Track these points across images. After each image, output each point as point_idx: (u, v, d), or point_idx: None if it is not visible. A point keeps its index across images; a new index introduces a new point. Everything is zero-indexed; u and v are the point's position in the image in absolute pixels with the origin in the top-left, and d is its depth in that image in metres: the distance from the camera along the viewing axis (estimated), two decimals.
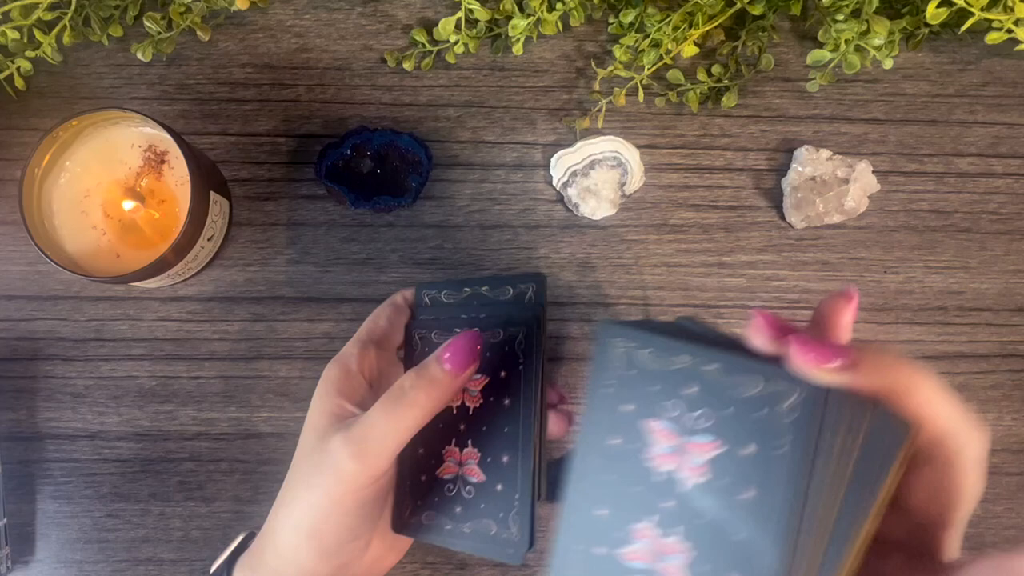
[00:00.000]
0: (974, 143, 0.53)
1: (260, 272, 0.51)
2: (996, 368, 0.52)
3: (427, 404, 0.32)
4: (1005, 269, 0.52)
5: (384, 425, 0.32)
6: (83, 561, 0.50)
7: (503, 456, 0.33)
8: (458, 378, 0.32)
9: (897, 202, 0.52)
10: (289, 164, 0.52)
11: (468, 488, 0.34)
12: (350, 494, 0.33)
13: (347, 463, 0.32)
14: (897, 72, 0.53)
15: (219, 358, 0.51)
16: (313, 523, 0.33)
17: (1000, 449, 0.52)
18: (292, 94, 0.52)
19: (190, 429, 0.50)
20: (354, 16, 0.53)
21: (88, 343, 0.50)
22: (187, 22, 0.50)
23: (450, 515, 0.35)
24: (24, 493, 0.49)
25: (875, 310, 0.52)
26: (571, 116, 0.52)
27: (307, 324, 0.51)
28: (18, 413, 0.50)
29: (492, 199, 0.52)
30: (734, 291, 0.52)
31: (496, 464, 0.33)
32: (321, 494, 0.33)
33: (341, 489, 0.33)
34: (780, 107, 0.53)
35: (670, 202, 0.52)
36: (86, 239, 0.45)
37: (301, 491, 0.34)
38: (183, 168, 0.43)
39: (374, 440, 0.32)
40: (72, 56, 0.51)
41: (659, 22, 0.49)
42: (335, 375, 0.36)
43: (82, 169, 0.45)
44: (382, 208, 0.50)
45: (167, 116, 0.51)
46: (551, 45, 0.53)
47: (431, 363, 0.33)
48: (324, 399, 0.36)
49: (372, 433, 0.32)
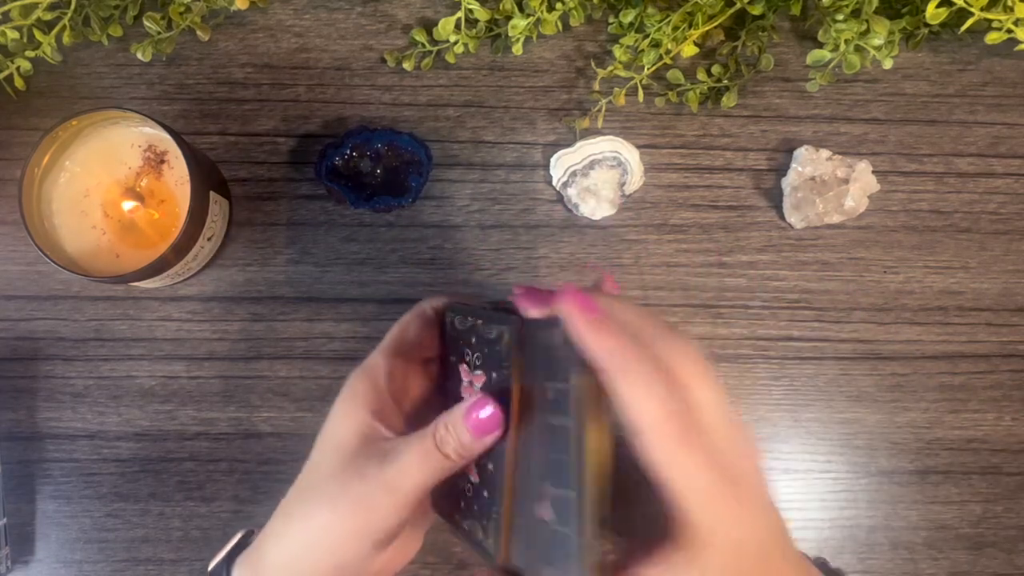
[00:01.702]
0: (974, 143, 0.53)
1: (260, 272, 0.51)
2: (996, 368, 0.52)
3: (456, 459, 0.33)
4: (1005, 269, 0.52)
5: (419, 470, 0.32)
6: (83, 561, 0.50)
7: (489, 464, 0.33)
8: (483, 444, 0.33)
9: (897, 202, 0.52)
10: (289, 164, 0.52)
11: (468, 486, 0.34)
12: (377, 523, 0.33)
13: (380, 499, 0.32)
14: (897, 72, 0.53)
15: (219, 358, 0.51)
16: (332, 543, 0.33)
17: (1000, 449, 0.52)
18: (292, 94, 0.52)
19: (190, 429, 0.50)
20: (354, 16, 0.53)
21: (88, 343, 0.50)
22: (187, 22, 0.50)
23: (456, 507, 0.35)
24: (24, 493, 0.49)
25: (875, 310, 0.52)
26: (571, 116, 0.52)
27: (307, 324, 0.51)
28: (18, 413, 0.50)
29: (492, 199, 0.52)
30: (734, 291, 0.52)
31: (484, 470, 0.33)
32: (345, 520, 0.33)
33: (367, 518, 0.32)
34: (780, 107, 0.53)
35: (670, 202, 0.52)
36: (86, 239, 0.45)
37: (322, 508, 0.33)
38: (183, 168, 0.43)
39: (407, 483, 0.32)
40: (72, 56, 0.51)
41: (659, 22, 0.49)
42: (364, 390, 0.36)
43: (82, 169, 0.45)
44: (382, 208, 0.50)
45: (167, 116, 0.51)
46: (551, 45, 0.53)
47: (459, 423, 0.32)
48: (353, 417, 0.35)
49: (406, 477, 0.32)
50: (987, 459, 0.52)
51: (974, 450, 0.52)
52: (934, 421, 0.52)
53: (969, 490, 0.52)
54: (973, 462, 0.52)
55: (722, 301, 0.52)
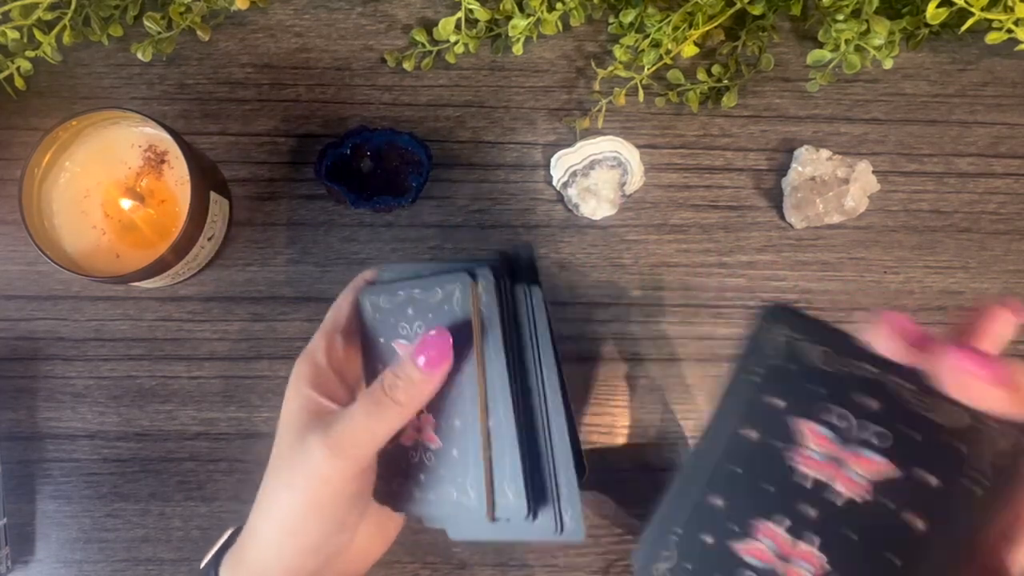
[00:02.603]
0: (974, 143, 0.53)
1: (260, 272, 0.51)
2: None
3: (408, 404, 0.33)
4: (1005, 269, 0.52)
5: (364, 426, 0.32)
6: (83, 561, 0.49)
7: (454, 420, 0.33)
8: (435, 378, 0.33)
9: (897, 202, 0.52)
10: (289, 164, 0.52)
11: (428, 454, 0.34)
12: (330, 494, 0.33)
13: (326, 464, 0.32)
14: (897, 72, 0.53)
15: (219, 358, 0.51)
16: (294, 523, 0.33)
17: None
18: (292, 94, 0.52)
19: (190, 429, 0.50)
20: (354, 16, 0.53)
21: (88, 343, 0.50)
22: (187, 22, 0.50)
23: (416, 482, 0.35)
24: (24, 493, 0.49)
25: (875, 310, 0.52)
26: (571, 116, 0.52)
27: (307, 324, 0.51)
28: (18, 413, 0.50)
29: (492, 199, 0.52)
30: (734, 291, 0.52)
31: (449, 429, 0.33)
32: (301, 494, 0.33)
33: (321, 490, 0.33)
34: (780, 107, 0.53)
35: (670, 202, 0.52)
36: (86, 239, 0.45)
37: (281, 491, 0.34)
38: (183, 168, 0.43)
39: (354, 441, 0.32)
40: (72, 56, 0.51)
41: (659, 22, 0.49)
42: (305, 370, 0.36)
43: (82, 169, 0.45)
44: (382, 208, 0.50)
45: (167, 116, 0.51)
46: (551, 45, 0.53)
47: (407, 364, 0.33)
48: (297, 395, 0.36)
49: (352, 433, 0.32)
50: None
51: None
52: None
53: None
54: None
55: (722, 301, 0.52)
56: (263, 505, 0.35)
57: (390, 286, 0.36)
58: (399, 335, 0.35)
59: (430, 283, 0.34)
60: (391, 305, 0.35)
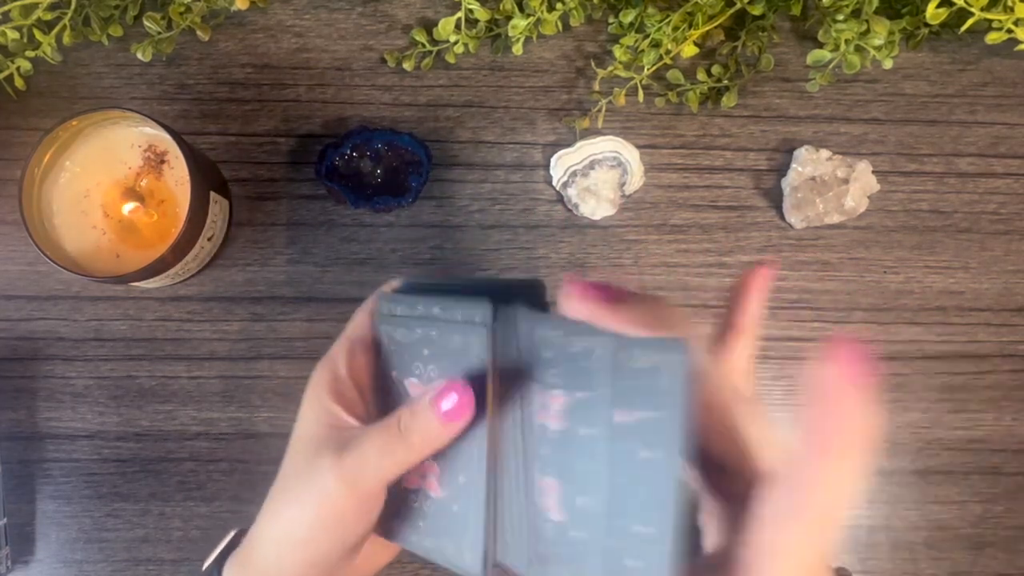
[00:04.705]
0: (974, 143, 0.53)
1: (260, 272, 0.51)
2: (996, 368, 0.52)
3: (421, 449, 0.32)
4: (1005, 269, 0.52)
5: (378, 461, 0.32)
6: (83, 561, 0.50)
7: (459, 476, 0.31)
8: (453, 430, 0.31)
9: (897, 202, 0.52)
10: (289, 164, 0.52)
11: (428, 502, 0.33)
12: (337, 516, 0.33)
13: (336, 491, 0.32)
14: (897, 72, 0.53)
15: (219, 358, 0.51)
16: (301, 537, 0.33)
17: (1000, 449, 0.52)
18: (292, 94, 0.52)
19: (190, 429, 0.50)
20: (354, 16, 0.53)
21: (88, 343, 0.50)
22: (187, 22, 0.50)
23: (414, 527, 0.34)
24: (24, 493, 0.49)
25: (875, 310, 0.52)
26: (571, 116, 0.52)
27: (307, 324, 0.51)
28: (18, 413, 0.50)
29: (492, 199, 0.52)
30: None
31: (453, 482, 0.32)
32: (310, 512, 0.33)
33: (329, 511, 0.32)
34: (780, 107, 0.53)
35: (670, 202, 0.52)
36: (86, 239, 0.45)
37: (292, 504, 0.34)
38: (183, 168, 0.43)
39: (364, 475, 0.32)
40: (72, 56, 0.51)
41: (659, 22, 0.49)
42: (325, 378, 0.36)
43: (82, 169, 0.45)
44: (382, 208, 0.50)
45: (167, 116, 0.51)
46: (551, 45, 0.53)
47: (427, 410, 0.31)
48: (316, 404, 0.35)
49: (363, 467, 0.32)
50: (987, 459, 0.52)
51: (974, 450, 0.52)
52: (934, 421, 0.52)
53: (969, 490, 0.52)
54: (973, 462, 0.52)
55: (722, 301, 0.52)
56: (271, 516, 0.35)
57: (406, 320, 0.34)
58: (412, 374, 0.34)
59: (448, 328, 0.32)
60: (407, 341, 0.34)
